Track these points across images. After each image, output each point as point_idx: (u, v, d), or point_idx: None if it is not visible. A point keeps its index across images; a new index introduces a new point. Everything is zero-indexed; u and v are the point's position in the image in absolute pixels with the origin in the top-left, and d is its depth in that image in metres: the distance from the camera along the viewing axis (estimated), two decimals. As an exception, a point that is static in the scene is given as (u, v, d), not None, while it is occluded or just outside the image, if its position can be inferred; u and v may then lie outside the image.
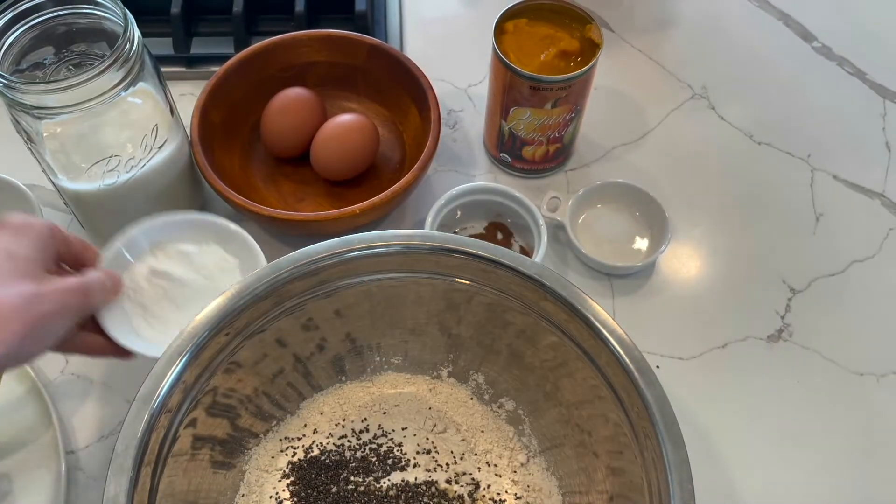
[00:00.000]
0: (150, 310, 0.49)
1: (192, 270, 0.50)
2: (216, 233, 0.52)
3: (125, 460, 0.40)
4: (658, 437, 0.41)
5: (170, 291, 0.49)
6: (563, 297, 0.45)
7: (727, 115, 0.71)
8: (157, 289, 0.49)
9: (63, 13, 0.51)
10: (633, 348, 0.44)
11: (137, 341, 0.47)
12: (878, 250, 0.63)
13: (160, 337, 0.47)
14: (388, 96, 0.66)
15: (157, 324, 0.49)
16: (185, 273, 0.50)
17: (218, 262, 0.51)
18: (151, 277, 0.49)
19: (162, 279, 0.49)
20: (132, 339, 0.47)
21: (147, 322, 0.49)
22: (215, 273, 0.51)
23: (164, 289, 0.49)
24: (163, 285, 0.49)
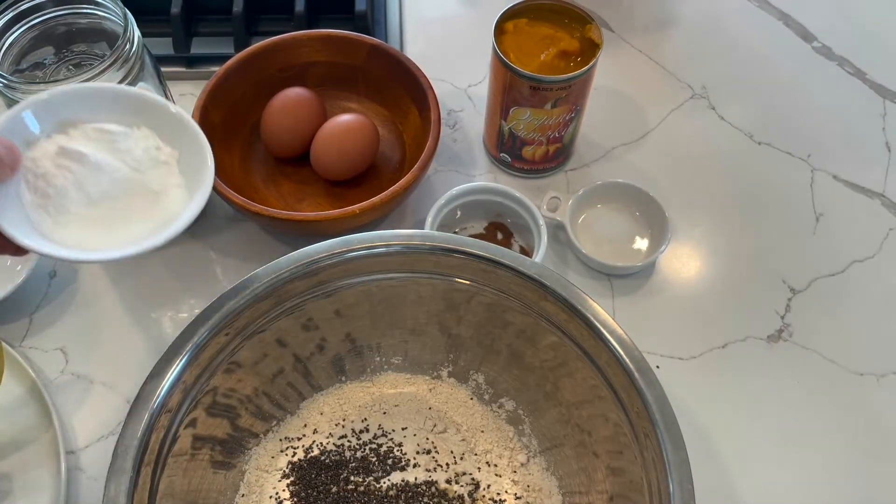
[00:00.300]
0: (54, 200, 0.39)
1: (114, 156, 0.40)
2: (151, 114, 0.42)
3: (125, 460, 0.40)
4: (658, 437, 0.41)
5: (82, 179, 0.39)
6: (563, 297, 0.45)
7: (727, 115, 0.71)
8: (65, 174, 0.39)
9: (63, 13, 0.51)
10: (633, 348, 0.44)
11: (33, 236, 0.38)
12: (878, 250, 0.63)
13: (63, 233, 0.39)
14: (388, 96, 0.66)
15: (61, 218, 0.39)
16: (105, 158, 0.40)
17: (149, 151, 0.41)
18: (59, 158, 0.39)
19: (73, 162, 0.39)
20: (26, 232, 0.38)
21: (48, 215, 0.39)
22: (145, 164, 0.41)
23: (76, 175, 0.39)
24: (74, 170, 0.39)
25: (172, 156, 0.42)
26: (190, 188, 0.41)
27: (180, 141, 0.42)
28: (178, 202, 0.41)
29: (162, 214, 0.41)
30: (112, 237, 0.39)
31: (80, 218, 0.39)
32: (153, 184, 0.40)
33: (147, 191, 0.40)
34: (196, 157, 0.41)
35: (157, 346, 0.57)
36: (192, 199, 0.41)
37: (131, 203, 0.40)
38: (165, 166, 0.41)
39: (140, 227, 0.40)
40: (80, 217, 0.39)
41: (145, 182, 0.40)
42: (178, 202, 0.41)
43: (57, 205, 0.39)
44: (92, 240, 0.39)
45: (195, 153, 0.42)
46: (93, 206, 0.39)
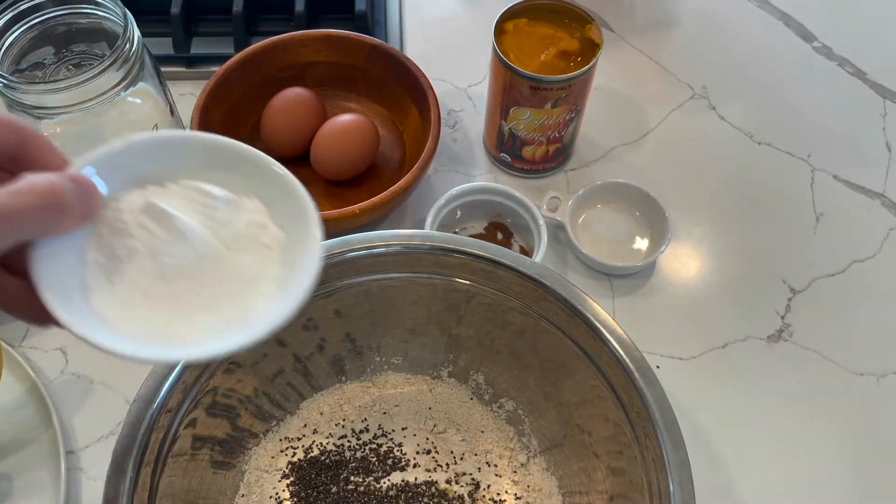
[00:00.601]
0: (122, 266, 0.31)
1: (207, 226, 0.32)
2: (267, 185, 0.33)
3: (125, 460, 0.40)
4: (658, 437, 0.41)
5: (160, 246, 0.31)
6: (563, 297, 0.45)
7: (727, 115, 0.71)
8: (143, 235, 0.31)
9: (63, 13, 0.51)
10: (634, 348, 0.44)
11: (81, 312, 0.29)
12: (878, 250, 0.63)
13: (119, 309, 0.30)
14: (388, 96, 0.66)
15: (122, 289, 0.31)
16: (195, 226, 0.31)
17: (252, 228, 0.33)
18: (142, 215, 0.31)
19: (156, 222, 0.31)
20: (72, 308, 0.29)
21: (110, 282, 0.31)
22: (242, 243, 0.33)
23: (154, 239, 0.31)
24: (154, 232, 0.31)
25: (277, 240, 0.33)
26: (284, 286, 0.32)
27: (290, 225, 0.33)
28: (266, 299, 0.32)
29: (241, 309, 0.32)
30: (176, 327, 0.31)
31: (145, 294, 0.31)
32: (245, 270, 0.32)
33: (234, 277, 0.32)
34: (302, 251, 0.32)
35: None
36: (284, 300, 0.32)
37: (210, 288, 0.32)
38: (265, 251, 0.33)
39: (210, 319, 0.31)
40: (146, 293, 0.31)
41: (235, 266, 0.32)
42: (266, 299, 0.32)
43: (122, 272, 0.31)
44: (152, 326, 0.31)
45: (303, 246, 0.33)
46: (163, 282, 0.31)
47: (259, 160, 0.33)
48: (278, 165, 0.33)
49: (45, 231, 0.27)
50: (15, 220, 0.25)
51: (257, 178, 0.33)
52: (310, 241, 0.32)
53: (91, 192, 0.29)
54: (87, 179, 0.29)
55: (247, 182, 0.33)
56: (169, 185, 0.32)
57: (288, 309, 0.31)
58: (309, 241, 0.33)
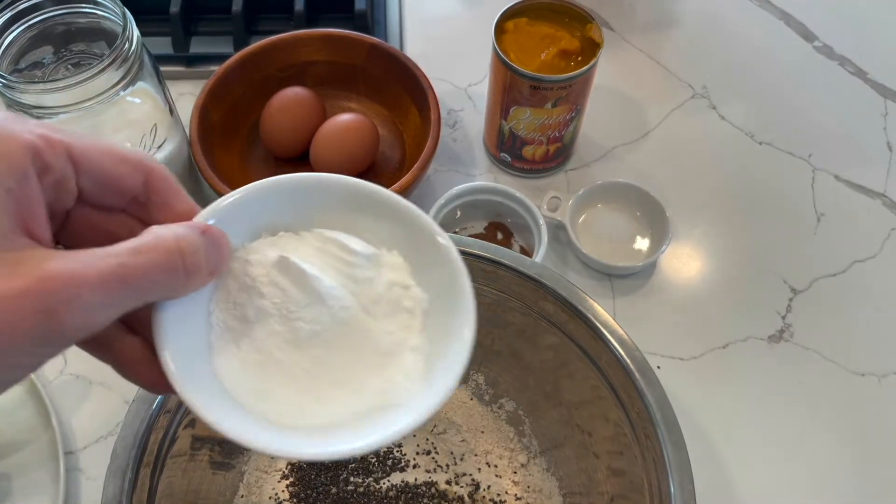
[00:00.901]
0: (251, 330, 0.27)
1: (348, 285, 0.28)
2: (411, 238, 0.29)
3: (124, 461, 0.40)
4: (659, 437, 0.41)
5: (293, 308, 0.27)
6: (564, 297, 0.45)
7: (728, 114, 0.71)
8: (274, 294, 0.27)
9: (62, 12, 0.50)
10: (634, 348, 0.43)
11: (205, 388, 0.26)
12: (879, 250, 0.63)
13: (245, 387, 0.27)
14: (387, 96, 0.66)
15: (250, 361, 0.27)
16: (333, 287, 0.27)
17: (394, 289, 0.29)
18: (275, 271, 0.27)
19: (289, 280, 0.27)
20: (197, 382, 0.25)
21: (236, 349, 0.27)
22: (382, 306, 0.28)
23: (286, 300, 0.27)
24: (287, 291, 0.27)
25: (419, 303, 0.29)
26: (430, 359, 0.28)
27: (433, 283, 0.29)
28: (408, 377, 0.28)
29: (381, 389, 0.28)
30: (311, 407, 0.27)
31: (276, 363, 0.27)
32: (384, 339, 0.28)
33: (373, 347, 0.28)
34: (450, 315, 0.28)
35: (156, 347, 0.56)
36: (429, 384, 0.28)
37: (346, 359, 0.27)
38: (407, 316, 0.29)
39: (347, 398, 0.27)
40: (276, 361, 0.27)
41: (375, 334, 0.28)
42: (408, 377, 0.28)
43: (251, 336, 0.27)
44: (283, 404, 0.27)
45: (451, 309, 0.28)
46: (296, 350, 0.27)
47: (399, 206, 0.29)
48: (419, 213, 0.29)
49: (171, 294, 0.24)
50: (139, 282, 0.22)
51: (396, 225, 0.29)
52: (460, 311, 0.28)
53: (221, 247, 0.25)
54: (217, 231, 0.25)
55: (385, 230, 0.29)
56: (304, 234, 0.28)
57: (434, 399, 0.27)
58: (459, 309, 0.28)
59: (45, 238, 0.23)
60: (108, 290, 0.21)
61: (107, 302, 0.21)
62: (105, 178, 0.24)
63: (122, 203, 0.25)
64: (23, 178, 0.22)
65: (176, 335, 0.25)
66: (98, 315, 0.22)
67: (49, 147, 0.22)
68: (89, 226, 0.25)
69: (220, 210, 0.27)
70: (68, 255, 0.21)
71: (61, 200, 0.24)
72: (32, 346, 0.21)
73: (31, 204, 0.22)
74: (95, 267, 0.21)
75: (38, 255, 0.21)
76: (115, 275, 0.21)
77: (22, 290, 0.20)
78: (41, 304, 0.20)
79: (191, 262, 0.24)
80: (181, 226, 0.24)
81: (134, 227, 0.25)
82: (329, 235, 0.28)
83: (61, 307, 0.20)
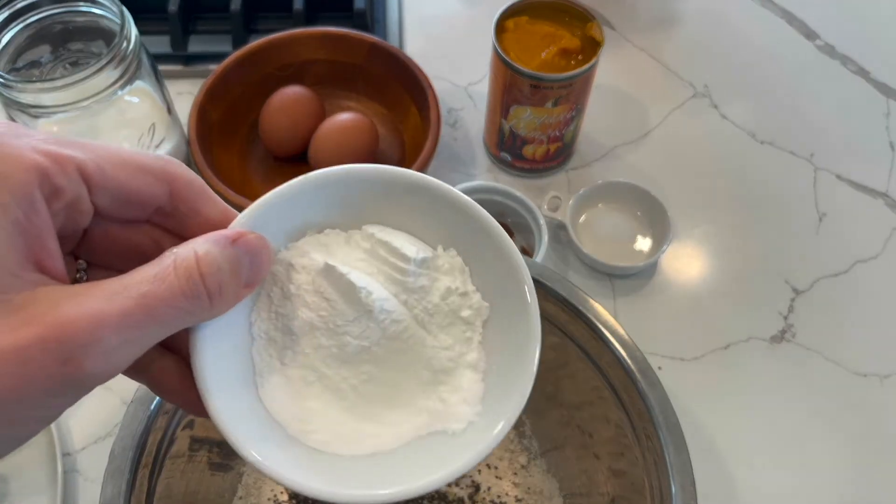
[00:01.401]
0: (296, 344, 0.25)
1: (400, 295, 0.25)
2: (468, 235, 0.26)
3: (122, 462, 0.40)
4: (660, 438, 0.41)
5: (340, 322, 0.24)
6: (564, 297, 0.45)
7: (729, 114, 0.70)
8: (323, 306, 0.24)
9: (60, 11, 0.50)
10: (635, 349, 0.43)
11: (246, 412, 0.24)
12: (881, 250, 0.63)
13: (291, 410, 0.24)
14: (387, 95, 0.66)
15: (296, 379, 0.25)
16: (384, 297, 0.25)
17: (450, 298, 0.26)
18: (323, 280, 0.24)
19: (340, 292, 0.24)
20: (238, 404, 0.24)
21: (281, 366, 0.25)
22: (438, 317, 0.26)
23: (337, 314, 0.24)
24: (337, 305, 0.24)
25: (480, 313, 0.26)
26: (488, 378, 0.26)
27: (492, 287, 0.26)
28: (465, 396, 0.25)
29: (438, 412, 0.25)
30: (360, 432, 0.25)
31: (323, 381, 0.25)
32: (440, 356, 0.25)
33: (428, 364, 0.25)
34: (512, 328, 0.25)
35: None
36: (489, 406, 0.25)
37: (398, 377, 0.25)
38: (465, 327, 0.26)
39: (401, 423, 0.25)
40: (323, 379, 0.25)
41: (430, 349, 0.25)
42: (465, 396, 0.25)
43: (296, 350, 0.24)
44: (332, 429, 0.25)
45: (512, 320, 0.25)
46: (344, 367, 0.25)
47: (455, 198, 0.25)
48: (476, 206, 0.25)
49: (198, 319, 0.22)
50: (163, 314, 0.20)
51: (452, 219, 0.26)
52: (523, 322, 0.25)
53: (259, 255, 0.22)
54: (254, 240, 0.22)
55: (441, 224, 0.26)
56: (352, 233, 0.25)
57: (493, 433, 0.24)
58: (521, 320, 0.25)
59: (59, 270, 0.20)
60: (132, 327, 0.19)
61: (132, 340, 0.19)
62: (123, 193, 0.22)
63: (146, 215, 0.23)
64: (30, 207, 0.19)
65: (214, 354, 0.23)
66: (122, 356, 0.20)
67: (58, 167, 0.20)
68: (110, 240, 0.23)
69: (258, 211, 0.24)
70: (84, 293, 0.19)
71: (76, 221, 0.21)
72: (47, 398, 0.19)
73: (40, 234, 0.20)
74: (116, 304, 0.19)
75: (53, 294, 0.19)
76: (137, 310, 0.19)
77: (36, 339, 0.18)
78: (59, 353, 0.18)
79: (212, 283, 0.21)
80: (203, 240, 0.21)
81: (160, 238, 0.23)
82: (380, 237, 0.25)
83: (82, 354, 0.18)
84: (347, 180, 0.25)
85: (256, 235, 0.23)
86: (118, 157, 0.21)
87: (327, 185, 0.25)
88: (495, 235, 0.25)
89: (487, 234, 0.25)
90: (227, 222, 0.23)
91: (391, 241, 0.25)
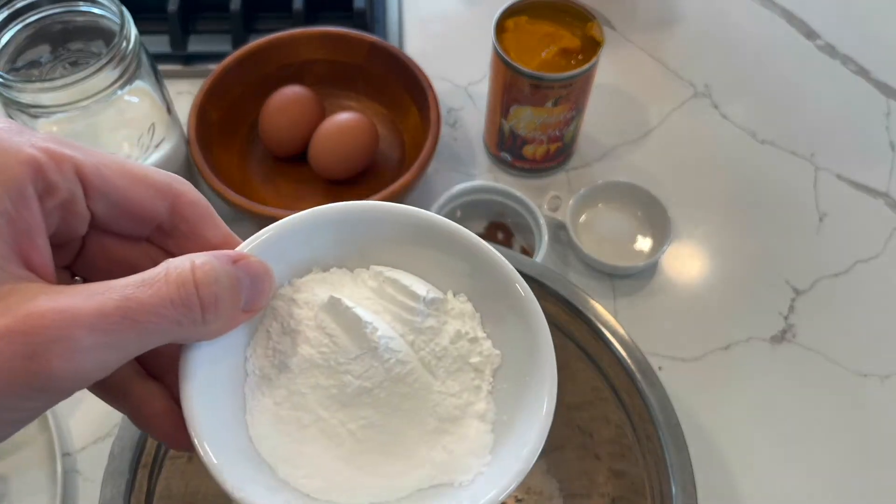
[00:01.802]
0: (292, 383, 0.23)
1: (407, 336, 0.24)
2: (483, 282, 0.25)
3: (122, 462, 0.40)
4: (660, 439, 0.41)
5: (341, 360, 0.23)
6: (565, 297, 0.45)
7: (730, 113, 0.70)
8: (324, 343, 0.23)
9: (59, 11, 0.50)
10: (635, 349, 0.43)
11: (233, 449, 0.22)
12: (882, 250, 0.63)
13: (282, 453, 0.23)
14: (387, 95, 0.66)
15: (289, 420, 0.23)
16: (393, 337, 0.24)
17: (461, 344, 0.25)
18: (326, 315, 0.24)
19: (344, 328, 0.23)
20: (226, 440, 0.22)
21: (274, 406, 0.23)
22: (446, 362, 0.25)
23: (338, 351, 0.23)
24: (339, 342, 0.23)
25: (490, 360, 0.25)
26: (498, 430, 0.25)
27: (506, 337, 0.25)
28: (472, 448, 0.24)
29: (436, 460, 0.24)
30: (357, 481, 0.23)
31: (319, 423, 0.23)
32: (446, 401, 0.24)
33: (433, 411, 0.24)
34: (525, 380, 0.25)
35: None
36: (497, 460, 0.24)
37: (400, 424, 0.24)
38: (474, 375, 0.25)
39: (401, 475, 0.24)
40: (320, 421, 0.23)
41: (434, 394, 0.24)
42: (472, 448, 0.24)
43: (291, 389, 0.23)
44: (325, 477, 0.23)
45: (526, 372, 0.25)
46: (341, 409, 0.23)
47: (471, 244, 0.24)
48: (495, 253, 0.24)
49: (188, 334, 0.20)
50: (146, 318, 0.19)
51: (466, 265, 0.25)
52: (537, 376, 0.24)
53: (261, 279, 0.21)
54: (257, 263, 0.21)
55: (453, 270, 0.25)
56: (359, 272, 0.25)
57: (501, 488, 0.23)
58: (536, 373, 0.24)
59: (47, 269, 0.19)
60: (108, 329, 0.18)
61: (107, 343, 0.18)
62: (122, 202, 0.21)
63: (146, 231, 0.22)
64: (20, 199, 0.19)
65: (205, 382, 0.22)
66: (96, 360, 0.18)
67: (53, 163, 0.19)
68: (107, 256, 0.22)
69: (263, 240, 0.23)
70: (65, 290, 0.18)
71: (71, 226, 0.20)
72: (13, 399, 0.18)
73: (29, 229, 0.19)
74: (93, 303, 0.18)
75: (32, 289, 0.18)
76: (117, 311, 0.18)
77: (3, 330, 0.17)
78: (23, 346, 0.17)
79: (207, 293, 0.19)
80: (203, 253, 0.20)
81: (158, 258, 0.21)
82: (388, 275, 0.24)
83: (48, 350, 0.17)
84: (355, 217, 0.24)
85: (259, 260, 0.22)
86: (120, 166, 0.21)
87: (336, 221, 0.24)
88: (512, 284, 0.24)
89: (504, 283, 0.24)
90: (229, 248, 0.22)
91: (400, 280, 0.24)
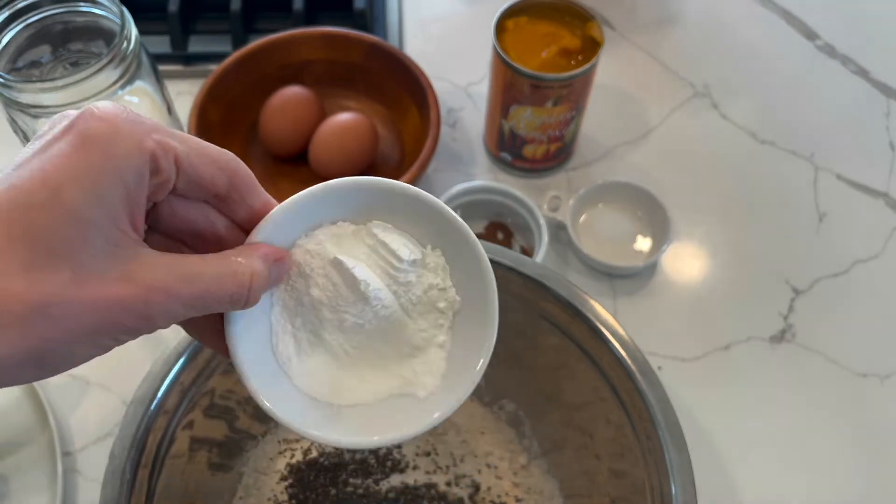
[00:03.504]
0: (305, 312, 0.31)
1: (392, 288, 0.31)
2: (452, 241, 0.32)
3: (122, 462, 0.40)
4: (660, 438, 0.41)
5: (341, 303, 0.31)
6: (565, 297, 0.45)
7: (729, 113, 0.70)
8: (329, 289, 0.31)
9: (60, 11, 0.50)
10: (635, 349, 0.43)
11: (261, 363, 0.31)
12: (881, 250, 0.63)
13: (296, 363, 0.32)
14: (387, 95, 0.66)
15: (304, 341, 0.32)
16: (379, 290, 0.31)
17: (431, 293, 0.32)
18: (332, 269, 0.30)
19: (345, 282, 0.30)
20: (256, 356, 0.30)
21: (292, 328, 0.31)
22: (419, 307, 0.32)
23: (335, 295, 0.31)
24: (340, 290, 0.31)
25: (451, 305, 0.32)
26: (451, 358, 0.32)
27: (466, 286, 0.32)
28: (431, 369, 0.32)
29: (404, 375, 0.32)
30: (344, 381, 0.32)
31: (325, 344, 0.32)
32: (416, 336, 0.32)
33: (405, 340, 0.32)
34: (476, 322, 0.32)
35: (154, 347, 0.56)
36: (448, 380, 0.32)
37: (381, 347, 0.32)
38: (438, 316, 0.32)
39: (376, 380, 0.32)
40: (325, 343, 0.32)
41: (408, 329, 0.32)
42: (431, 369, 0.32)
43: (305, 318, 0.31)
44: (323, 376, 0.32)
45: (478, 316, 0.32)
46: (342, 334, 0.31)
47: (443, 212, 0.32)
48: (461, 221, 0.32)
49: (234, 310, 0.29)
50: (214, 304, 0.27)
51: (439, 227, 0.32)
52: (485, 321, 0.31)
53: (285, 269, 0.30)
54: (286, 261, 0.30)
55: (431, 229, 0.32)
56: (360, 228, 0.32)
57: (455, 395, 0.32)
58: (484, 319, 0.31)
59: (142, 229, 0.26)
60: (193, 306, 0.26)
61: (188, 313, 0.26)
62: (198, 180, 0.27)
63: (206, 197, 0.28)
64: (139, 180, 0.25)
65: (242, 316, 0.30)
66: (176, 320, 0.26)
67: (164, 153, 0.25)
68: (173, 213, 0.28)
69: (289, 208, 0.30)
70: (168, 265, 0.26)
71: (158, 196, 0.27)
72: (119, 337, 0.25)
73: (140, 203, 0.25)
74: (190, 288, 0.26)
75: (148, 259, 0.25)
76: (201, 297, 0.26)
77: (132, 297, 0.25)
78: (144, 311, 0.25)
79: (255, 290, 0.28)
80: (258, 257, 0.28)
81: (211, 216, 0.29)
82: (381, 237, 0.31)
83: (158, 316, 0.25)
84: (357, 188, 0.31)
85: (288, 254, 0.30)
86: (200, 149, 0.27)
87: (341, 191, 0.31)
88: (471, 242, 0.31)
89: (465, 241, 0.32)
90: (267, 211, 0.29)
91: (389, 243, 0.31)
